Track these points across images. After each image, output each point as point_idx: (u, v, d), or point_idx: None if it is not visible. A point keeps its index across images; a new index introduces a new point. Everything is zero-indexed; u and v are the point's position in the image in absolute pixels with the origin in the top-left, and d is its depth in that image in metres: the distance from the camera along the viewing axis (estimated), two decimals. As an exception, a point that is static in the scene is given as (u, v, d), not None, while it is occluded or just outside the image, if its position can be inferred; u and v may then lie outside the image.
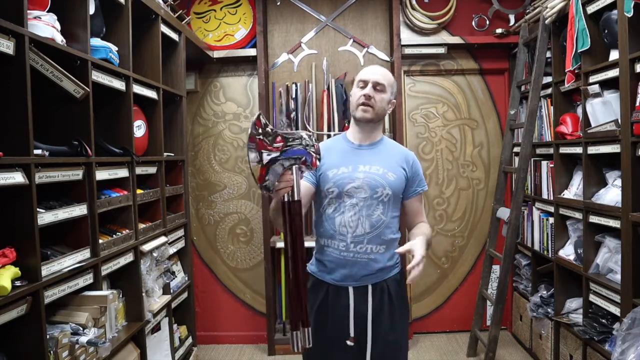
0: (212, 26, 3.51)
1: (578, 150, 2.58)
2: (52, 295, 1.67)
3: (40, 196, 1.65)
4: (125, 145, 2.22)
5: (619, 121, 2.21)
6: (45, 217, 1.65)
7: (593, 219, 2.44)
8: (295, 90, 3.43)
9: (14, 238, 1.56)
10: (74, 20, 1.90)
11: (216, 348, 3.61)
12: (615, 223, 2.25)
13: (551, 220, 2.94)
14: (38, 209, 1.61)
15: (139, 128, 2.43)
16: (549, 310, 2.90)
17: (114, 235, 2.12)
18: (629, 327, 1.96)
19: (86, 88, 1.84)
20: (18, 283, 1.51)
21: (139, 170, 2.36)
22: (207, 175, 3.67)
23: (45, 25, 1.70)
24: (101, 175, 2.00)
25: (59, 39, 1.76)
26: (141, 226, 2.36)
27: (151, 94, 2.50)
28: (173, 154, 2.88)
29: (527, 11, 3.29)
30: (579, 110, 2.65)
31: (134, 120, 2.32)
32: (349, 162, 1.71)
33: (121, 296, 2.22)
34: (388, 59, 3.52)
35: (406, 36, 3.51)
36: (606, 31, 2.33)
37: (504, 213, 3.16)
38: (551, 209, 2.92)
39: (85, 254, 1.88)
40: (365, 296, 1.70)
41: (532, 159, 3.18)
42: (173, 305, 2.75)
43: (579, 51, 2.47)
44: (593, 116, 2.44)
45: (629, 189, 2.12)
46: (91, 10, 1.97)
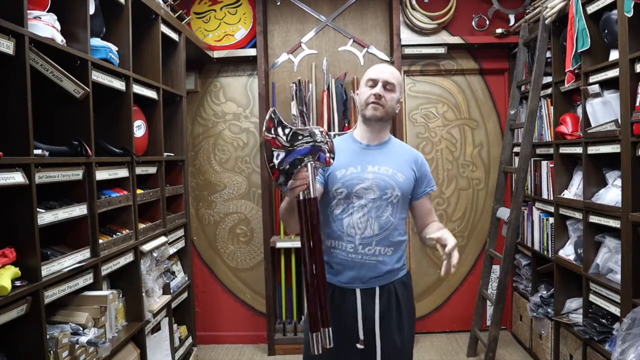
0: (212, 26, 3.51)
1: (578, 150, 2.58)
2: (52, 295, 1.67)
3: (40, 196, 1.65)
4: (125, 145, 2.22)
5: (619, 121, 2.21)
6: (45, 217, 1.65)
7: (593, 219, 2.44)
8: (295, 90, 3.43)
9: (14, 238, 1.56)
10: (74, 20, 1.90)
11: (216, 348, 3.61)
12: (615, 223, 2.25)
13: (551, 220, 2.94)
14: (38, 209, 1.61)
15: (139, 128, 2.43)
16: (549, 310, 2.90)
17: (114, 235, 2.12)
18: (629, 327, 1.96)
19: (86, 88, 1.84)
20: (18, 283, 1.51)
21: (139, 170, 2.36)
22: (207, 175, 3.67)
23: (45, 25, 1.70)
24: (101, 175, 2.00)
25: (59, 39, 1.76)
26: (141, 226, 2.36)
27: (151, 94, 2.50)
28: (173, 154, 2.88)
29: (527, 11, 3.29)
30: (579, 110, 2.65)
31: (134, 120, 2.32)
32: (358, 163, 1.68)
33: (121, 296, 2.22)
34: (388, 59, 3.51)
35: (406, 36, 3.51)
36: (606, 31, 2.33)
37: (504, 213, 3.16)
38: (551, 209, 2.92)
39: (85, 254, 1.88)
40: (372, 298, 1.67)
41: (532, 159, 3.18)
42: (173, 305, 2.75)
43: (579, 51, 2.47)
44: (593, 116, 2.44)
45: (629, 189, 2.12)
46: (91, 10, 1.97)
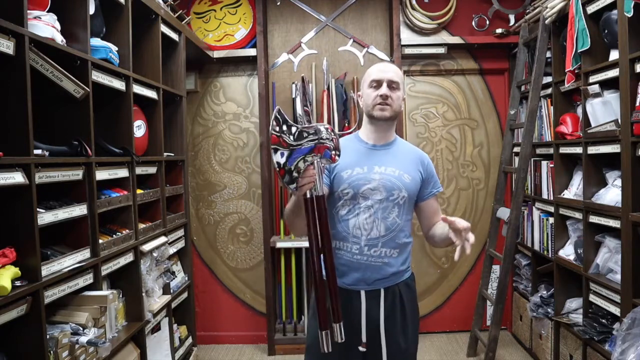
0: (212, 26, 3.51)
1: (578, 150, 2.58)
2: (52, 295, 1.67)
3: (40, 196, 1.65)
4: (125, 145, 2.22)
5: (619, 121, 2.21)
6: (45, 217, 1.65)
7: (593, 219, 2.44)
8: (295, 90, 3.43)
9: (14, 238, 1.56)
10: (74, 20, 1.90)
11: (216, 348, 3.61)
12: (615, 223, 2.25)
13: (551, 220, 2.94)
14: (38, 209, 1.61)
15: (139, 128, 2.43)
16: (549, 310, 2.90)
17: (114, 235, 2.12)
18: (629, 327, 1.96)
19: (86, 88, 1.84)
20: (18, 283, 1.51)
21: (139, 170, 2.36)
22: (207, 175, 3.67)
23: (45, 25, 1.70)
24: (101, 175, 2.00)
25: (59, 39, 1.76)
26: (141, 226, 2.36)
27: (151, 94, 2.50)
28: (173, 154, 2.88)
29: (527, 11, 3.29)
30: (579, 110, 2.65)
31: (134, 120, 2.32)
32: (364, 163, 1.66)
33: (121, 296, 2.22)
34: (388, 59, 3.51)
35: (406, 36, 3.51)
36: (606, 31, 2.33)
37: (504, 213, 3.16)
38: (551, 209, 2.92)
39: (85, 254, 1.88)
40: (377, 300, 1.66)
41: (532, 159, 3.18)
42: (173, 305, 2.75)
43: (579, 51, 2.47)
44: (593, 116, 2.44)
45: (629, 189, 2.12)
46: (91, 10, 1.97)
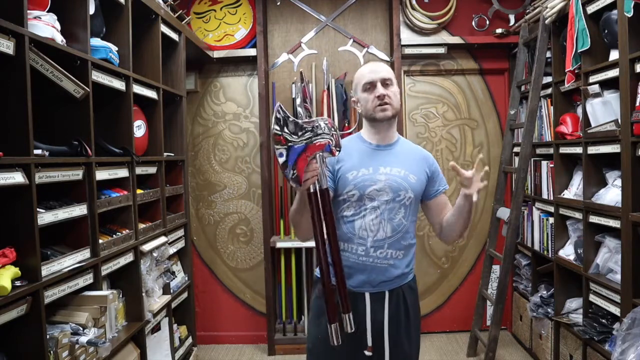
0: (212, 26, 3.51)
1: (578, 150, 2.58)
2: (52, 295, 1.67)
3: (40, 196, 1.65)
4: (125, 145, 2.22)
5: (619, 121, 2.21)
6: (45, 217, 1.65)
7: (593, 219, 2.44)
8: (295, 90, 3.43)
9: (14, 238, 1.56)
10: (74, 20, 1.90)
11: (216, 348, 3.61)
12: (615, 223, 2.25)
13: (551, 220, 2.94)
14: (38, 209, 1.61)
15: (139, 128, 2.43)
16: (549, 310, 2.90)
17: (114, 235, 2.12)
18: (629, 327, 1.96)
19: (86, 88, 1.84)
20: (18, 283, 1.51)
21: (139, 170, 2.36)
22: (207, 175, 3.67)
23: (45, 25, 1.70)
24: (101, 175, 2.00)
25: (59, 39, 1.76)
26: (141, 226, 2.36)
27: (151, 94, 2.50)
28: (173, 154, 2.88)
29: (527, 11, 3.29)
30: (579, 110, 2.65)
31: (134, 120, 2.32)
32: (369, 164, 1.64)
33: (121, 296, 2.22)
34: (388, 59, 3.51)
35: (406, 36, 3.51)
36: (606, 31, 2.33)
37: (504, 213, 3.16)
38: (551, 209, 2.92)
39: (85, 254, 1.88)
40: (382, 302, 1.64)
41: (532, 159, 3.18)
42: (173, 305, 2.75)
43: (579, 51, 2.47)
44: (593, 116, 2.44)
45: (629, 189, 2.12)
46: (91, 10, 1.97)
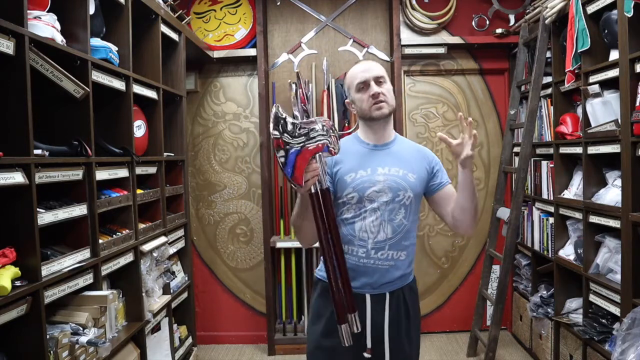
0: (212, 26, 3.51)
1: (578, 150, 2.58)
2: (52, 295, 1.67)
3: (40, 196, 1.65)
4: (125, 145, 2.22)
5: (619, 121, 2.21)
6: (45, 217, 1.65)
7: (593, 219, 2.44)
8: (295, 90, 3.42)
9: (14, 238, 1.56)
10: (74, 20, 1.90)
11: (216, 348, 3.61)
12: (615, 223, 2.25)
13: (551, 220, 2.93)
14: (38, 209, 1.61)
15: (139, 128, 2.43)
16: (549, 310, 2.90)
17: (114, 235, 2.12)
18: (629, 327, 1.96)
19: (86, 88, 1.84)
20: (18, 283, 1.51)
21: (139, 170, 2.36)
22: (207, 175, 3.67)
23: (45, 25, 1.70)
24: (101, 175, 2.00)
25: (59, 39, 1.76)
26: (141, 226, 2.36)
27: (151, 94, 2.50)
28: (173, 154, 2.88)
29: (527, 11, 3.29)
30: (579, 110, 2.65)
31: (134, 120, 2.32)
32: (367, 165, 1.62)
33: (121, 296, 2.22)
34: (388, 59, 3.51)
35: (406, 36, 3.51)
36: (606, 31, 2.33)
37: (504, 213, 3.16)
38: (551, 209, 2.92)
39: (85, 254, 1.88)
40: (382, 304, 1.62)
41: (532, 159, 3.18)
42: (173, 305, 2.75)
43: (579, 51, 2.47)
44: (593, 116, 2.44)
45: (629, 189, 2.12)
46: (91, 10, 1.97)
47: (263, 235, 3.49)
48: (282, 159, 1.37)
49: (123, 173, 2.20)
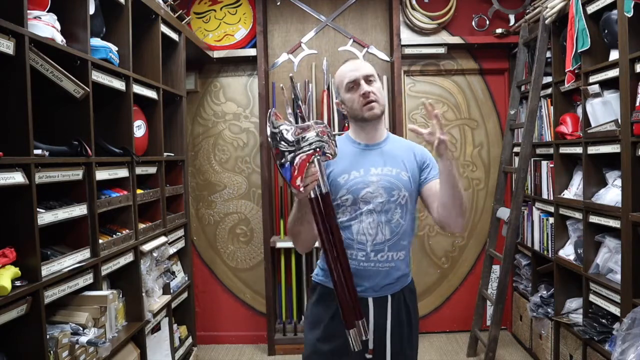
0: (212, 26, 3.51)
1: (578, 150, 2.58)
2: (52, 295, 1.67)
3: (40, 196, 1.65)
4: (125, 145, 2.22)
5: (619, 121, 2.21)
6: (45, 217, 1.65)
7: (593, 219, 2.44)
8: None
9: (14, 238, 1.56)
10: (74, 20, 1.90)
11: (216, 348, 3.61)
12: (615, 223, 2.25)
13: (551, 220, 2.93)
14: (38, 209, 1.61)
15: (139, 128, 2.43)
16: (549, 310, 2.90)
17: (114, 235, 2.12)
18: (629, 327, 1.96)
19: (86, 88, 1.84)
20: (18, 283, 1.51)
21: (139, 170, 2.36)
22: (207, 175, 3.67)
23: (45, 25, 1.70)
24: (101, 175, 2.00)
25: (59, 39, 1.76)
26: (141, 226, 2.36)
27: (151, 94, 2.50)
28: (173, 154, 2.88)
29: (527, 11, 3.29)
30: (579, 110, 2.65)
31: (134, 120, 2.32)
32: (360, 165, 1.60)
33: (121, 296, 2.22)
34: (388, 59, 3.52)
35: (406, 36, 3.51)
36: (606, 31, 2.33)
37: (504, 213, 3.16)
38: (551, 209, 2.92)
39: (85, 254, 1.88)
40: (384, 307, 1.60)
41: (532, 159, 3.17)
42: (173, 305, 2.75)
43: (579, 51, 2.47)
44: (593, 116, 2.44)
45: (629, 189, 2.12)
46: (91, 10, 1.97)
47: (263, 235, 3.49)
48: (281, 166, 1.34)
49: (123, 173, 2.20)
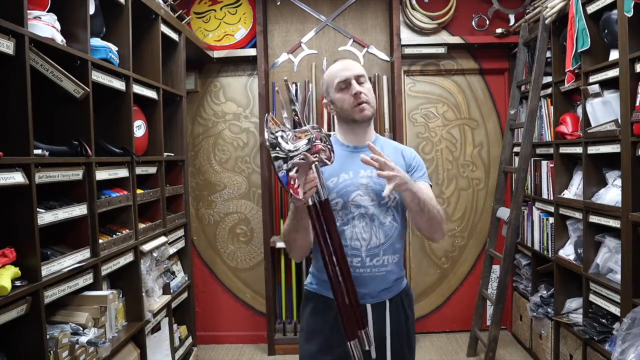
0: (212, 26, 3.51)
1: (578, 150, 2.58)
2: (52, 295, 1.67)
3: (40, 196, 1.65)
4: (125, 145, 2.22)
5: (619, 121, 2.21)
6: (45, 217, 1.65)
7: (593, 219, 2.44)
8: (295, 90, 3.43)
9: (14, 238, 1.56)
10: (74, 20, 1.90)
11: (216, 348, 3.61)
12: (615, 223, 2.25)
13: (551, 220, 2.94)
14: (38, 209, 1.61)
15: (139, 128, 2.43)
16: (549, 310, 2.90)
17: (114, 235, 2.12)
18: (629, 327, 1.96)
19: (86, 88, 1.84)
20: (18, 283, 1.51)
21: (139, 170, 2.36)
22: (207, 175, 3.67)
23: (45, 25, 1.70)
24: (101, 175, 2.00)
25: (59, 39, 1.76)
26: (141, 226, 2.36)
27: (151, 94, 2.50)
28: (173, 154, 2.88)
29: (527, 11, 3.29)
30: (579, 110, 2.65)
31: (134, 120, 2.32)
32: (349, 168, 1.56)
33: (121, 296, 2.22)
34: (388, 59, 3.52)
35: (406, 36, 3.51)
36: (606, 31, 2.33)
37: (504, 213, 3.16)
38: (551, 209, 2.92)
39: (85, 254, 1.88)
40: (383, 313, 1.57)
41: (532, 159, 3.18)
42: (173, 305, 2.75)
43: (579, 51, 2.47)
44: (593, 116, 2.44)
45: (629, 189, 2.12)
46: (91, 10, 1.97)
47: (263, 235, 3.49)
48: (279, 172, 1.31)
49: (123, 173, 2.20)
